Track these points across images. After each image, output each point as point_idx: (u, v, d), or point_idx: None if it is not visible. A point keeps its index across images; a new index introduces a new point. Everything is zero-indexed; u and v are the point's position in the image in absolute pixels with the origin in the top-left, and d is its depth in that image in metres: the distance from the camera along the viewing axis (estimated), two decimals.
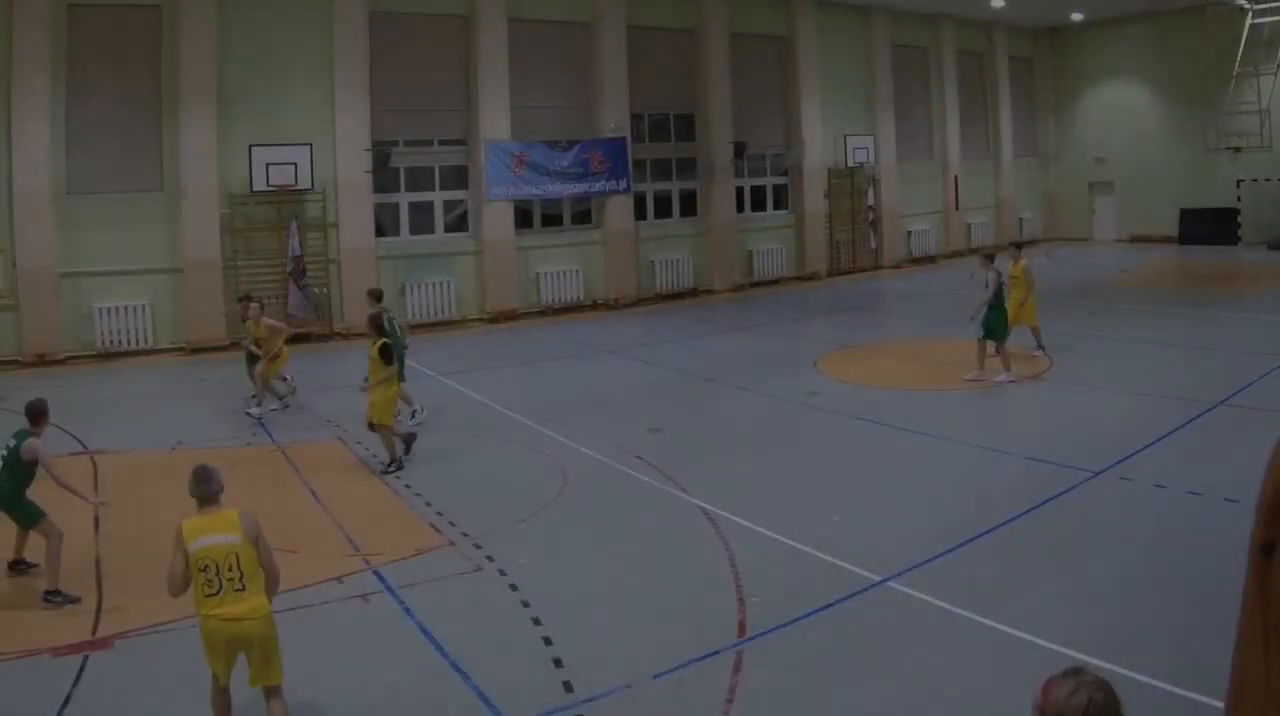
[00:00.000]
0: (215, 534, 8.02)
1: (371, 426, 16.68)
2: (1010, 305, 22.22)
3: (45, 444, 12.08)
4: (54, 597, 11.42)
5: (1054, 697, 4.06)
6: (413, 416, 19.50)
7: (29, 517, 11.89)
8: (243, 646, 7.99)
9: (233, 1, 29.28)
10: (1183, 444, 16.32)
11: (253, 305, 21.13)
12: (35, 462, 11.81)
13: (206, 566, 7.92)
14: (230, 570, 7.92)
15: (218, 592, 7.90)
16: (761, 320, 32.07)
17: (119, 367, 26.85)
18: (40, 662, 9.89)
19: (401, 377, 18.88)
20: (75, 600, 11.46)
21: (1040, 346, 23.62)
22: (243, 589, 7.95)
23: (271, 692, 8.15)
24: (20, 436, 11.90)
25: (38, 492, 12.05)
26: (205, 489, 8.33)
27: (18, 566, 12.33)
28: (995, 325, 21.14)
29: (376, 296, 20.33)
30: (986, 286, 21.16)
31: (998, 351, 21.22)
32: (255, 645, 7.99)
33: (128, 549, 13.08)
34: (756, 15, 40.37)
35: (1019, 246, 24.82)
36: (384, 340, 16.61)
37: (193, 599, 8.04)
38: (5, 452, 11.84)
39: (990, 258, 21.93)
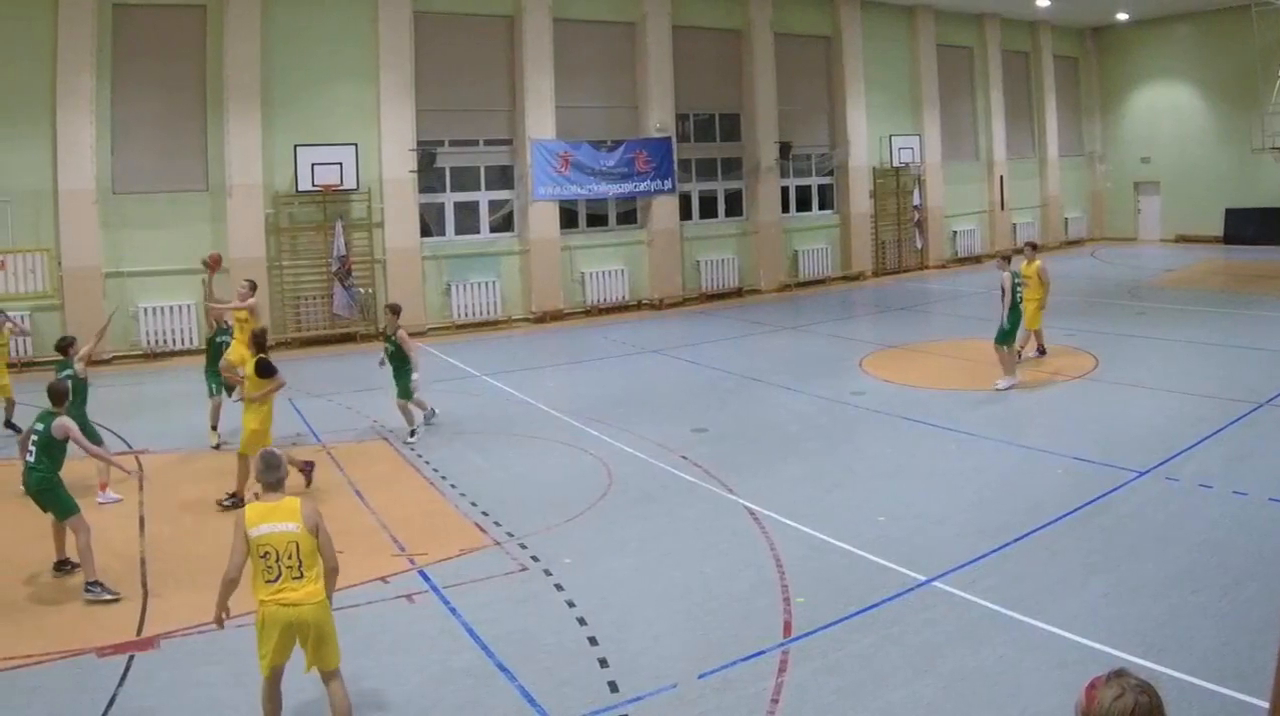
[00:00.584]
0: (276, 521, 8.05)
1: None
2: (1027, 305, 21.76)
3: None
4: (94, 589, 11.41)
5: (1099, 701, 4.02)
6: (430, 417, 19.24)
7: (63, 508, 11.85)
8: (298, 631, 7.99)
9: (278, 1, 29.10)
10: (1228, 444, 15.98)
11: (243, 283, 19.11)
12: (66, 440, 11.92)
13: (267, 553, 7.96)
14: (289, 558, 7.96)
15: (276, 579, 7.95)
16: (807, 320, 31.60)
17: (164, 367, 26.58)
18: (85, 662, 9.81)
19: (411, 393, 18.63)
20: (115, 596, 11.41)
21: (1040, 350, 23.21)
22: (300, 576, 7.99)
23: (330, 676, 8.19)
24: (46, 417, 12.00)
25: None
26: (273, 475, 8.39)
27: (63, 566, 12.26)
28: (1007, 328, 20.49)
29: (395, 311, 19.33)
30: (1001, 289, 20.60)
31: (999, 353, 20.59)
32: (310, 630, 8.00)
33: (172, 548, 13.07)
34: (801, 15, 39.81)
35: (1035, 247, 24.22)
36: (261, 356, 15.37)
37: (251, 584, 8.05)
38: (37, 437, 11.88)
39: (1008, 259, 21.30)
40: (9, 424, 19.15)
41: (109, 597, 11.37)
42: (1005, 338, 20.50)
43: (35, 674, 9.56)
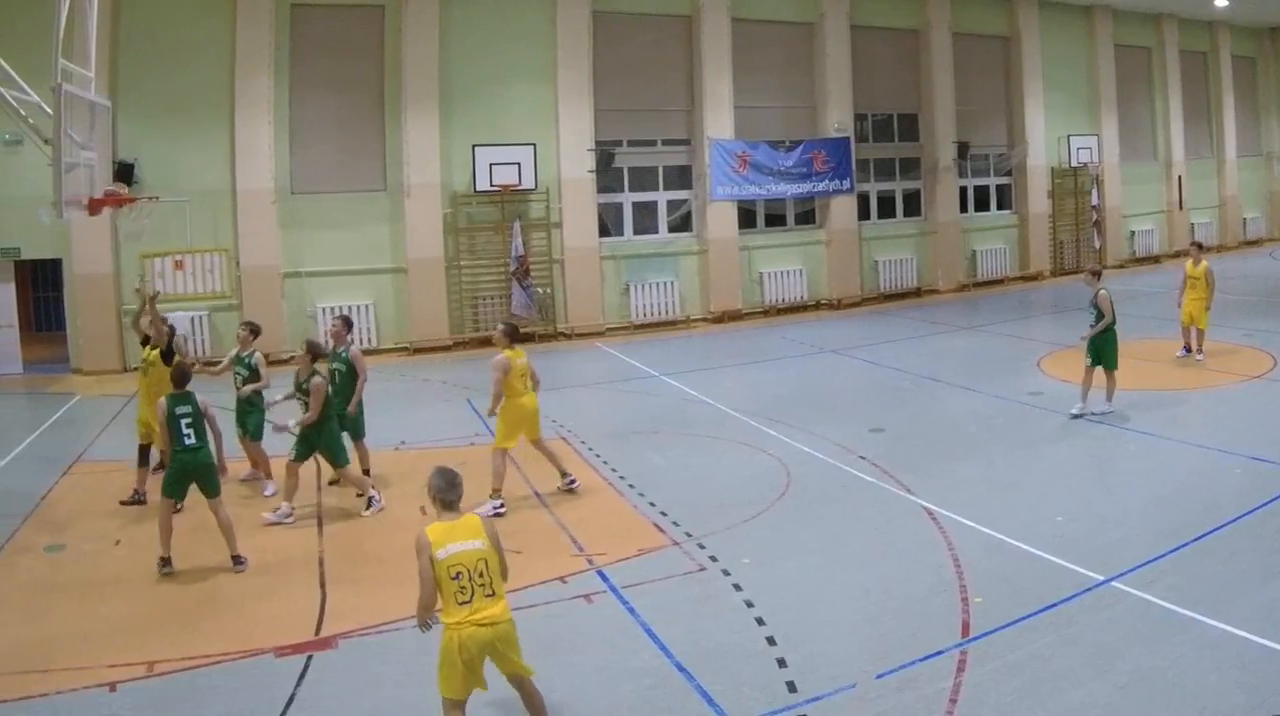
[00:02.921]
0: (463, 540, 7.26)
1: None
2: (1187, 303, 20.69)
3: None
4: (241, 562, 11.57)
5: None
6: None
7: (216, 487, 11.71)
8: (497, 646, 7.19)
9: (456, 2, 26.90)
10: None
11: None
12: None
13: (459, 573, 7.15)
14: (480, 576, 7.20)
15: (470, 600, 7.13)
16: (985, 320, 29.05)
17: None
18: (264, 662, 9.26)
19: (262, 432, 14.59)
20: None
21: (1199, 350, 20.92)
22: (493, 593, 7.23)
23: (528, 683, 7.49)
24: (190, 398, 11.69)
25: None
26: (453, 493, 7.53)
27: (239, 561, 11.74)
28: (1105, 351, 17.05)
29: (254, 331, 15.21)
30: (1093, 306, 17.08)
31: (1108, 379, 17.13)
32: (504, 647, 7.24)
33: (351, 547, 12.49)
34: (979, 15, 36.13)
35: (1200, 246, 21.81)
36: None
37: (441, 609, 7.20)
38: (192, 420, 11.58)
39: (1096, 273, 17.84)
40: None
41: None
42: (1111, 362, 16.99)
43: (215, 673, 9.04)
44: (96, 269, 23.72)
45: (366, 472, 14.48)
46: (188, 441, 11.48)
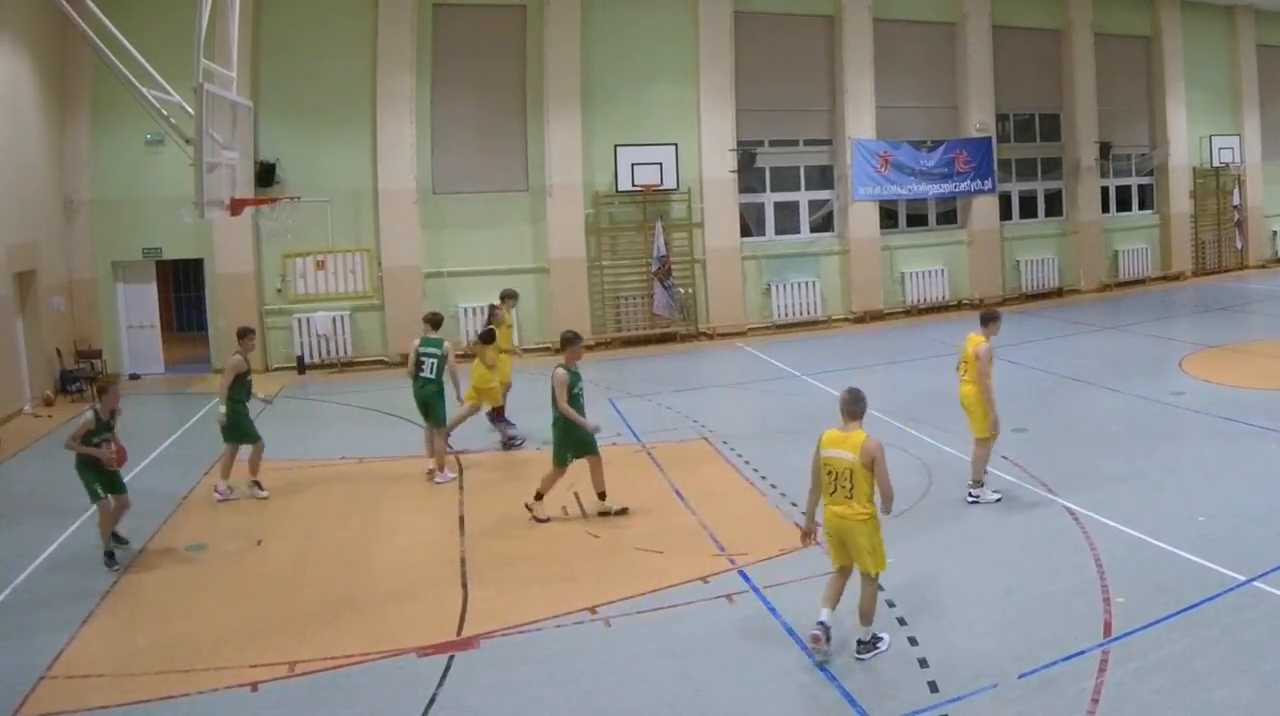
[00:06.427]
0: (841, 449, 8.09)
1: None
2: None
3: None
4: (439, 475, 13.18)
5: None
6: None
7: (441, 419, 14.04)
8: (843, 536, 8.09)
9: (597, 2, 24.37)
10: None
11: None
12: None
13: (831, 472, 8.13)
14: (844, 481, 8.04)
15: (834, 493, 8.13)
16: (1126, 320, 26.40)
17: None
18: (405, 662, 8.55)
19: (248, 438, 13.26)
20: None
21: None
22: (850, 497, 8.04)
23: (865, 579, 8.12)
24: (438, 343, 13.97)
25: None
26: (856, 406, 8.31)
27: None
28: None
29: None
30: None
31: None
32: (851, 539, 8.06)
33: (492, 547, 11.54)
34: (1121, 15, 32.13)
35: None
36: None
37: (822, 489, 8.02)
38: (437, 362, 14.02)
39: None
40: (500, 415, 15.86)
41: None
42: None
43: (356, 673, 8.38)
44: (239, 269, 21.86)
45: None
46: (423, 373, 13.67)
